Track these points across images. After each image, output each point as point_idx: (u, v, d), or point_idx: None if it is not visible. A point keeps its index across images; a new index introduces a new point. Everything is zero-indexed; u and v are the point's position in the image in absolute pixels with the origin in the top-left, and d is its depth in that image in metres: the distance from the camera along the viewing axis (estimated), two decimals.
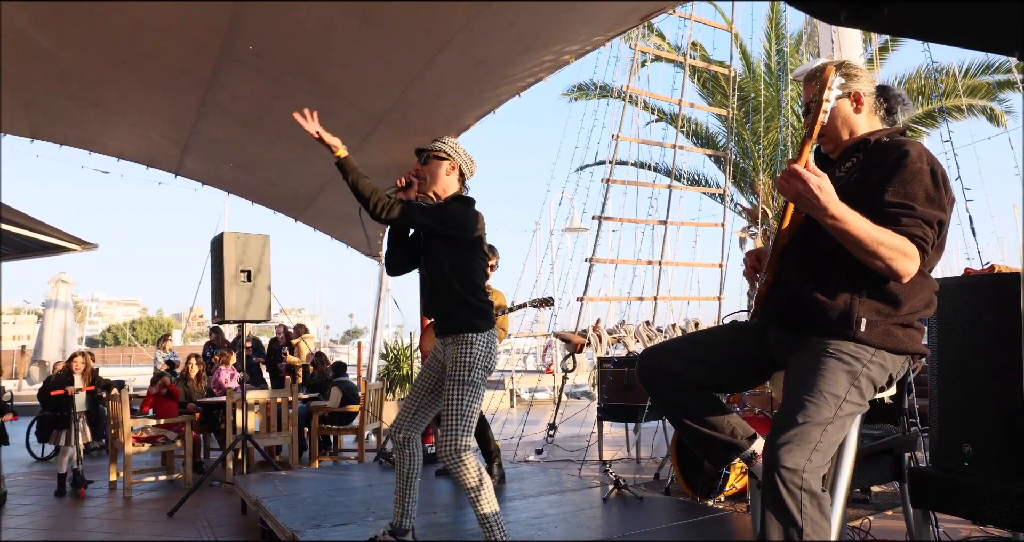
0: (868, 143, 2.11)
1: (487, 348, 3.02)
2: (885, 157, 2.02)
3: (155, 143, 7.69)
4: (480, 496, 2.86)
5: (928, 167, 1.96)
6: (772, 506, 1.83)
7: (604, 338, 8.20)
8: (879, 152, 2.07)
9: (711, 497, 4.67)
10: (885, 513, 4.48)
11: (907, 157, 1.96)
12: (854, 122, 2.16)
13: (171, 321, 74.50)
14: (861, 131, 2.15)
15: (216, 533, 4.62)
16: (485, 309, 3.09)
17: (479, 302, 3.07)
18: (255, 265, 5.62)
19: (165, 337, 11.29)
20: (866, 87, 2.16)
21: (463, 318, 3.02)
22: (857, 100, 2.14)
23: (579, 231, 15.91)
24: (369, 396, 6.93)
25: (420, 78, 5.86)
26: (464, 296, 3.03)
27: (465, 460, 2.85)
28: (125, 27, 5.12)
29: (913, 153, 1.97)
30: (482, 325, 3.02)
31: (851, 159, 2.14)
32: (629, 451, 7.38)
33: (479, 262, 3.12)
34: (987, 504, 2.45)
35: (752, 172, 12.39)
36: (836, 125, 2.15)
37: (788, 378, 2.05)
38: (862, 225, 1.85)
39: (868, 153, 2.10)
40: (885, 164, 2.00)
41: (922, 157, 1.97)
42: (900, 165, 1.96)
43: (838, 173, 2.14)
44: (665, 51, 11.30)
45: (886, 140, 2.10)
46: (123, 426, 5.94)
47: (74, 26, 5.09)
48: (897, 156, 1.99)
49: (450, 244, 3.05)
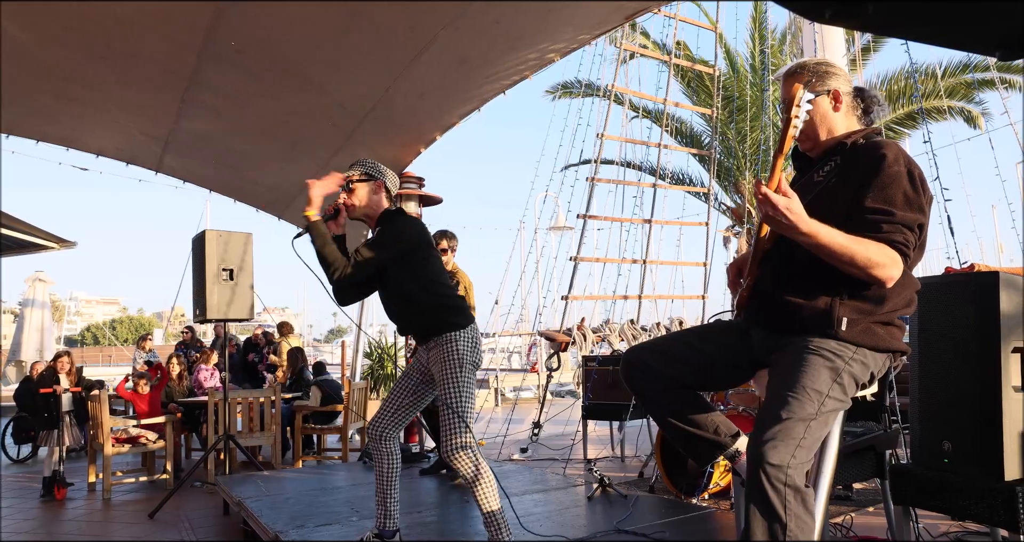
0: (845, 146, 2.12)
1: (471, 343, 3.03)
2: (862, 160, 2.03)
3: (135, 140, 7.60)
4: (479, 493, 2.88)
5: (905, 169, 1.97)
6: (757, 502, 1.84)
7: (589, 337, 8.23)
8: (856, 155, 2.08)
9: (695, 495, 4.69)
10: (867, 510, 4.52)
11: (884, 160, 1.97)
12: (832, 121, 2.16)
13: (152, 320, 73.81)
14: (839, 130, 2.16)
15: (198, 534, 4.58)
16: (460, 306, 3.11)
17: (452, 300, 3.10)
18: (237, 263, 5.58)
19: (145, 337, 11.19)
20: (844, 86, 2.17)
21: (441, 319, 3.03)
22: (836, 98, 2.15)
23: (564, 230, 15.94)
24: (353, 395, 6.90)
25: (404, 76, 5.84)
26: (435, 301, 3.05)
27: (465, 457, 2.86)
28: (104, 23, 5.06)
29: (890, 156, 1.98)
30: (461, 322, 3.04)
31: (829, 162, 2.14)
32: (614, 450, 7.40)
33: (433, 260, 3.14)
34: (966, 500, 2.48)
35: (736, 171, 12.46)
36: (815, 123, 2.15)
37: (771, 376, 2.06)
38: (835, 238, 1.87)
39: (845, 156, 2.11)
40: (862, 168, 2.01)
41: (899, 159, 1.98)
42: (878, 169, 1.97)
43: (816, 177, 2.15)
44: (650, 50, 11.34)
45: (862, 142, 2.11)
46: (103, 427, 5.88)
47: (51, 21, 5.02)
48: (874, 160, 1.99)
49: (403, 259, 3.05)
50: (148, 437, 6.19)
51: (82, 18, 4.99)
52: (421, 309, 3.05)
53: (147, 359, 10.12)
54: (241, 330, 20.79)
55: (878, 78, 11.91)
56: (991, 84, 11.24)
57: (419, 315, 3.07)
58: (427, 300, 3.04)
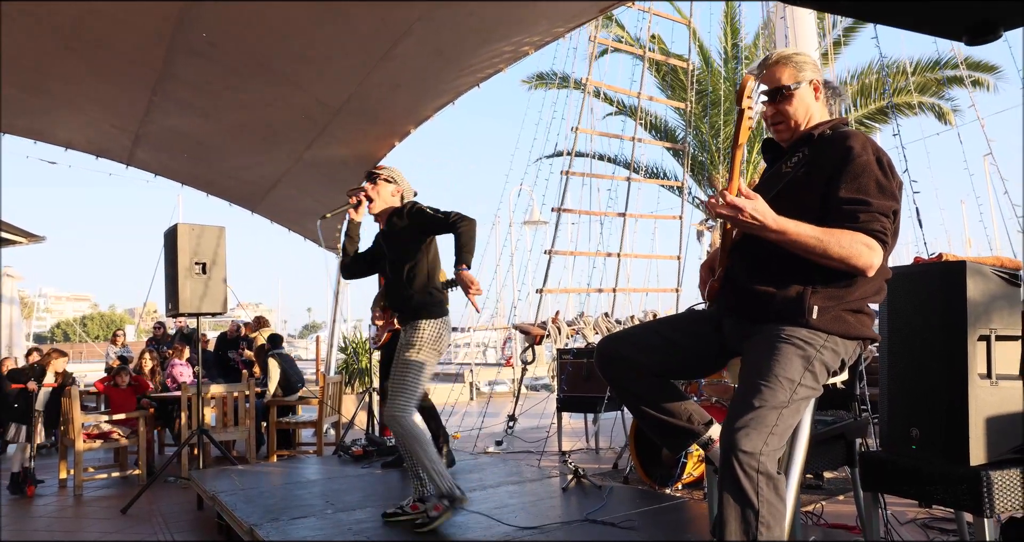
0: (813, 137, 2.15)
1: (437, 333, 3.42)
2: (830, 151, 2.05)
3: (105, 133, 7.49)
4: (414, 449, 3.27)
5: (874, 158, 1.99)
6: (729, 489, 1.86)
7: (563, 330, 8.25)
8: (824, 146, 2.10)
9: (668, 485, 4.73)
10: (837, 498, 4.59)
11: (852, 151, 2.00)
12: (813, 110, 2.18)
13: (124, 317, 72.75)
14: (815, 120, 2.18)
15: (172, 529, 4.54)
16: (441, 300, 3.49)
17: (438, 293, 3.49)
18: (210, 257, 5.52)
19: (117, 332, 11.04)
20: (820, 76, 2.20)
21: (422, 307, 3.42)
22: (816, 88, 2.18)
23: (538, 224, 15.95)
24: (328, 389, 6.87)
25: (378, 69, 5.81)
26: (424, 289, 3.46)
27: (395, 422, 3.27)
28: (72, 13, 4.97)
29: (857, 146, 2.00)
30: (436, 313, 3.43)
31: (797, 154, 2.16)
32: (588, 442, 7.44)
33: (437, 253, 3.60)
34: (933, 485, 2.52)
35: (710, 166, 12.55)
36: (796, 111, 2.17)
37: (744, 364, 2.08)
38: (806, 231, 1.90)
39: (813, 147, 2.13)
40: (831, 159, 2.03)
41: (866, 148, 2.01)
42: (847, 160, 1.99)
43: (784, 169, 2.16)
44: (625, 43, 11.37)
45: (829, 133, 2.13)
46: (73, 422, 5.80)
47: (14, 11, 4.92)
48: (843, 150, 2.02)
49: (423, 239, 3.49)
50: (120, 433, 6.11)
51: (49, 8, 4.90)
52: (411, 294, 3.42)
53: (120, 354, 9.98)
54: (215, 325, 20.55)
55: (849, 73, 12.06)
56: (960, 81, 11.41)
57: (408, 299, 3.42)
58: (420, 285, 3.42)
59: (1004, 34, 1.93)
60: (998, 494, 2.38)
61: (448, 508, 3.29)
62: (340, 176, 8.07)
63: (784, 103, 2.16)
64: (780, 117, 2.18)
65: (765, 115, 2.21)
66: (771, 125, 2.23)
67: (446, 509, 3.28)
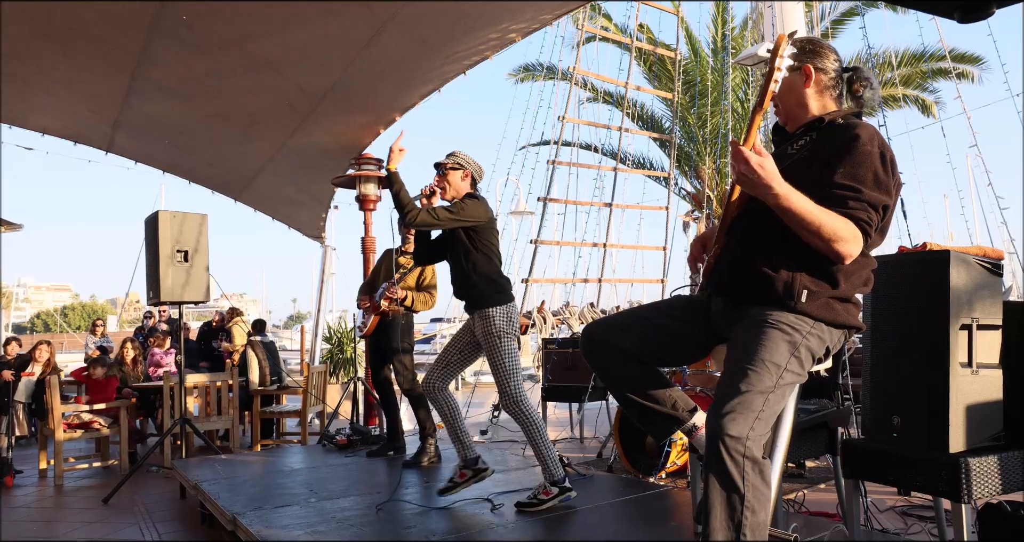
0: (822, 122, 2.14)
1: (507, 318, 3.52)
2: (836, 137, 2.05)
3: (83, 118, 7.37)
4: (533, 435, 3.42)
5: (878, 150, 1.99)
6: (715, 473, 1.86)
7: (549, 319, 8.27)
8: (831, 132, 2.09)
9: (653, 474, 4.75)
10: (818, 487, 4.62)
11: (858, 140, 1.99)
12: (802, 96, 2.16)
13: (105, 307, 72.03)
14: (811, 106, 2.16)
15: (154, 518, 4.51)
16: (504, 285, 3.60)
17: (500, 279, 3.60)
18: (192, 245, 5.46)
19: (97, 322, 10.94)
20: (822, 64, 2.16)
21: (486, 294, 3.52)
22: (807, 74, 2.15)
23: (524, 214, 15.93)
24: (312, 379, 6.83)
25: (362, 56, 5.74)
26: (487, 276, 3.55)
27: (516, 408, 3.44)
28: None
29: (864, 136, 2.00)
30: (502, 299, 3.53)
31: (805, 138, 2.16)
32: (573, 431, 7.46)
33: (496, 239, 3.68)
34: (913, 472, 2.55)
35: (696, 157, 12.56)
36: (783, 96, 2.16)
37: (730, 349, 2.07)
38: (805, 204, 1.89)
39: (821, 132, 2.12)
40: (836, 144, 2.02)
41: (873, 140, 2.00)
42: (851, 147, 1.98)
43: (790, 150, 2.16)
44: (612, 32, 11.34)
45: (840, 121, 2.12)
46: (53, 412, 5.73)
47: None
48: (848, 138, 2.01)
49: (472, 230, 3.57)
50: (101, 422, 6.05)
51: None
52: (474, 282, 3.54)
53: (100, 344, 9.89)
54: (199, 315, 20.40)
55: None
56: (945, 73, 11.47)
57: (473, 286, 3.54)
58: (483, 271, 3.54)
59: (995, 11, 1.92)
60: (976, 481, 2.40)
61: (557, 495, 3.39)
62: (325, 164, 8.00)
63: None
64: (775, 100, 2.18)
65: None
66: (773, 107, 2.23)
67: (555, 495, 3.39)
